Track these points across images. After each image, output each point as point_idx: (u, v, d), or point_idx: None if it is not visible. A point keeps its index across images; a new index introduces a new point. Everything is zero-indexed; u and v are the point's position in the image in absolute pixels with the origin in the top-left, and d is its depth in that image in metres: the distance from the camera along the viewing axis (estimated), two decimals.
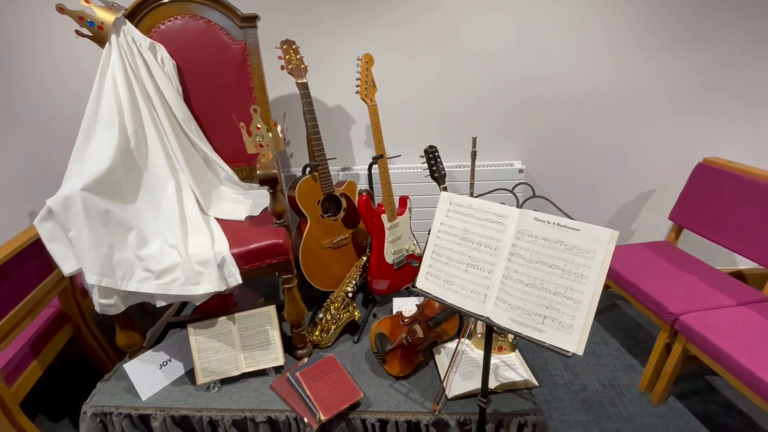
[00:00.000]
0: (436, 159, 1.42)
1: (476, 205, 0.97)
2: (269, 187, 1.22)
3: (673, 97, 1.81)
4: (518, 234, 0.89)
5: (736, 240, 1.61)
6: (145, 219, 1.22)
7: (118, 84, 1.28)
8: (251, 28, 1.42)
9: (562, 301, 0.83)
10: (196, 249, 1.18)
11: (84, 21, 1.27)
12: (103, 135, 1.22)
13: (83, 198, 1.06)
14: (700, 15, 1.65)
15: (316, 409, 1.15)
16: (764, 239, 1.51)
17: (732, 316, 1.38)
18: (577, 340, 0.81)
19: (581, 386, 1.67)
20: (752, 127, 1.83)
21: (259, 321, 1.33)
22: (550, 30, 1.71)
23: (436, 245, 1.02)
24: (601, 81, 1.79)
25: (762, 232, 1.52)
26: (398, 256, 1.61)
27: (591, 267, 0.81)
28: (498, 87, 1.81)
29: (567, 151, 1.94)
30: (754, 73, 1.74)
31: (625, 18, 1.68)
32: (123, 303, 1.14)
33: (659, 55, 1.73)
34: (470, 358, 1.34)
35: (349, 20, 1.71)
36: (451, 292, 0.97)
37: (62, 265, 1.07)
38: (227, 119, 1.51)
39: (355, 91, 1.44)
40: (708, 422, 1.49)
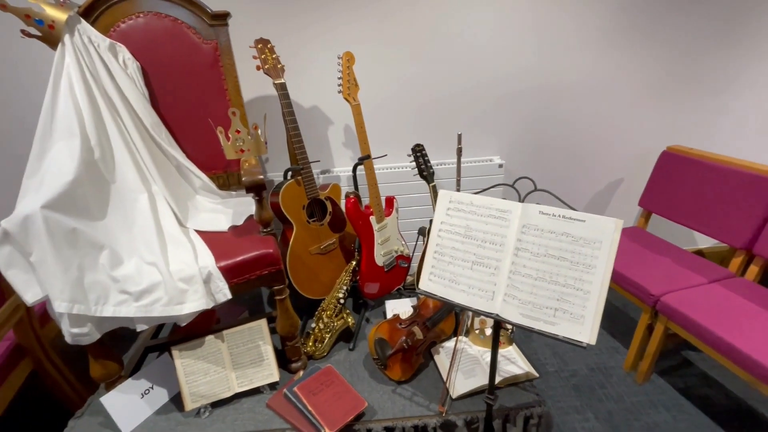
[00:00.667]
0: (424, 157, 1.40)
1: (478, 202, 0.96)
2: (255, 194, 1.14)
3: (636, 89, 1.90)
4: (523, 228, 0.89)
5: (700, 221, 1.72)
6: (118, 236, 1.11)
7: (76, 89, 1.16)
8: (222, 27, 1.34)
9: (572, 292, 0.83)
10: (178, 265, 1.09)
11: (31, 19, 1.13)
12: (61, 146, 1.09)
13: (45, 217, 0.94)
14: (659, 12, 1.75)
15: (321, 425, 1.10)
16: (724, 218, 1.62)
17: (706, 293, 1.47)
18: (589, 330, 0.81)
19: (571, 372, 1.72)
20: (708, 116, 1.97)
21: (250, 337, 1.26)
22: (523, 27, 1.74)
23: (438, 245, 1.00)
24: (570, 76, 1.85)
25: (722, 212, 1.63)
26: (388, 257, 1.57)
27: (598, 257, 0.82)
28: (474, 84, 1.83)
29: (541, 145, 1.99)
30: (709, 66, 1.87)
31: (593, 15, 1.74)
32: (98, 330, 1.03)
33: (624, 50, 1.82)
34: (470, 356, 1.33)
35: (321, 16, 1.65)
36: (457, 292, 0.96)
37: (24, 294, 0.95)
38: (199, 124, 1.41)
39: (338, 90, 1.39)
40: (689, 395, 1.58)
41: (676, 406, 1.54)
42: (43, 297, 0.97)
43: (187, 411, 1.19)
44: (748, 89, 1.93)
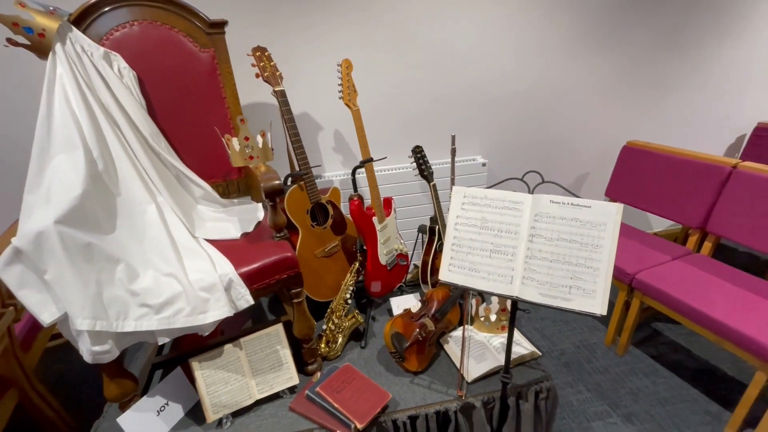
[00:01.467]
0: (423, 158, 1.47)
1: (492, 195, 1.04)
2: (270, 200, 1.16)
3: (598, 92, 2.11)
4: (536, 217, 0.99)
5: (660, 206, 1.94)
6: (130, 249, 1.07)
7: (72, 100, 1.11)
8: (220, 35, 1.34)
9: (584, 270, 0.94)
10: (197, 274, 1.08)
11: (20, 27, 1.08)
12: (63, 159, 1.05)
13: (59, 232, 0.90)
14: (612, 23, 1.96)
15: (350, 420, 1.13)
16: (680, 203, 1.84)
17: (672, 269, 1.66)
18: (601, 302, 0.92)
19: (560, 351, 1.86)
20: (658, 113, 2.22)
21: (268, 342, 1.26)
22: (501, 37, 1.88)
23: (455, 237, 1.08)
24: (541, 81, 2.02)
25: (678, 198, 1.85)
26: (390, 256, 1.63)
27: (604, 237, 0.93)
28: (458, 89, 1.94)
29: (518, 144, 2.14)
30: (656, 69, 2.11)
31: (557, 27, 1.92)
32: (117, 347, 1.00)
33: (584, 57, 2.01)
34: (477, 342, 1.42)
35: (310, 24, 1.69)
36: (478, 279, 1.03)
37: (40, 314, 0.91)
38: (197, 133, 1.39)
39: (338, 96, 1.43)
40: (662, 361, 1.77)
41: (653, 372, 1.72)
42: (60, 316, 0.93)
43: (209, 423, 1.17)
44: (693, 86, 2.20)
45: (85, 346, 0.94)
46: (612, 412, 1.54)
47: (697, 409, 1.53)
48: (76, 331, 0.93)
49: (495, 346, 1.38)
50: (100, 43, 1.21)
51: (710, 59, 2.17)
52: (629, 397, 1.60)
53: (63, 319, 0.94)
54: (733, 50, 2.19)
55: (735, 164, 1.67)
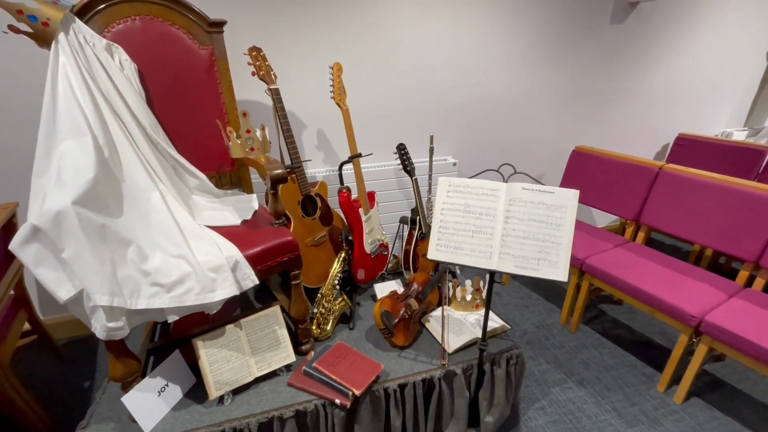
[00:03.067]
0: (406, 155, 1.63)
1: (473, 184, 1.22)
2: (272, 188, 1.25)
3: (551, 101, 2.39)
4: (510, 202, 1.17)
5: (603, 202, 2.24)
6: (138, 233, 1.12)
7: (75, 88, 1.14)
8: (218, 34, 1.41)
9: (549, 245, 1.13)
10: (205, 256, 1.15)
11: (24, 15, 1.10)
12: (71, 145, 1.08)
13: (77, 212, 0.95)
14: (562, 42, 2.25)
15: (347, 388, 1.24)
16: (619, 199, 2.15)
17: (614, 255, 1.94)
18: (563, 270, 1.12)
19: (522, 331, 2.08)
20: (600, 122, 2.55)
21: (266, 323, 1.34)
22: (470, 50, 2.09)
23: (442, 221, 1.23)
24: (503, 89, 2.26)
25: (617, 195, 2.16)
26: (374, 245, 1.76)
27: (564, 217, 1.13)
28: (432, 94, 2.13)
29: (483, 146, 2.37)
30: (598, 84, 2.44)
31: (518, 43, 2.17)
32: (129, 325, 1.04)
33: (541, 70, 2.29)
34: (455, 319, 1.58)
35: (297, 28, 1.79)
36: (462, 256, 1.20)
37: (57, 291, 0.94)
38: (192, 126, 1.45)
39: (330, 96, 1.55)
40: (606, 336, 2.04)
41: (600, 344, 1.98)
42: (76, 294, 0.96)
43: (210, 400, 1.23)
44: (628, 101, 2.56)
45: (100, 322, 0.98)
46: (567, 379, 1.77)
47: (636, 372, 1.80)
48: (91, 308, 0.97)
49: (471, 322, 1.55)
50: (101, 35, 1.25)
51: (642, 79, 2.54)
52: (581, 366, 1.84)
53: (76, 298, 0.98)
54: (659, 73, 2.58)
55: (661, 166, 2.00)
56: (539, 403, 1.66)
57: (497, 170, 1.33)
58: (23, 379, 1.80)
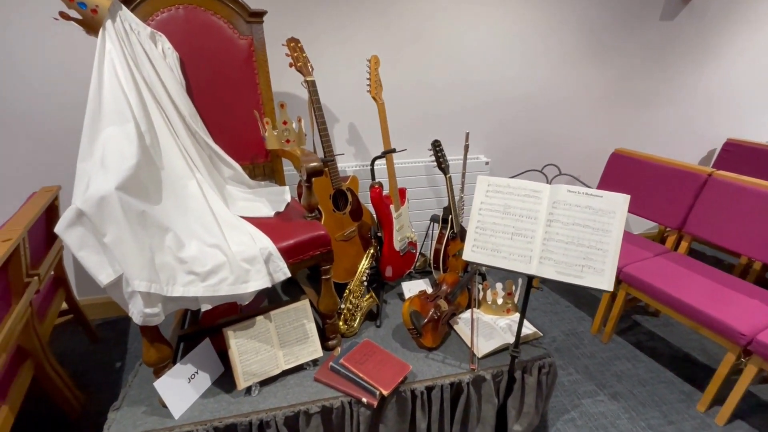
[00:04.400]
0: (441, 152, 1.59)
1: (514, 184, 1.17)
2: (307, 181, 1.24)
3: (590, 100, 2.29)
4: (554, 204, 1.11)
5: (643, 208, 2.13)
6: (175, 220, 1.13)
7: (120, 75, 1.16)
8: (258, 24, 1.41)
9: (594, 252, 1.07)
10: (239, 246, 1.14)
11: (74, 2, 1.12)
12: (115, 131, 1.09)
13: (120, 198, 0.96)
14: (606, 39, 2.15)
15: (375, 387, 1.22)
16: (661, 205, 2.04)
17: (654, 264, 1.84)
18: (609, 280, 1.05)
19: (551, 338, 2.01)
20: (642, 124, 2.43)
21: (296, 316, 1.33)
22: (508, 45, 2.02)
23: (479, 221, 1.19)
24: (541, 87, 2.18)
25: (659, 201, 2.05)
26: (403, 243, 1.73)
27: (613, 223, 1.07)
28: (467, 90, 2.07)
29: (517, 145, 2.30)
30: (643, 84, 2.32)
31: (560, 39, 2.08)
32: (164, 311, 1.05)
33: (581, 68, 2.19)
34: (484, 323, 1.54)
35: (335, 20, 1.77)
36: (499, 259, 1.15)
37: (98, 274, 0.95)
38: (230, 116, 1.45)
39: (366, 89, 1.53)
40: (641, 348, 1.95)
41: (634, 357, 1.89)
42: (116, 278, 0.97)
43: (238, 390, 1.23)
44: (673, 103, 2.43)
45: (137, 308, 0.99)
46: (599, 391, 1.70)
47: (673, 389, 1.70)
48: (129, 293, 0.98)
49: (501, 327, 1.50)
50: (146, 22, 1.26)
51: (690, 79, 2.40)
52: (614, 378, 1.76)
53: (115, 282, 0.99)
54: (709, 74, 2.43)
55: (710, 173, 1.88)
56: (569, 414, 1.59)
57: (540, 171, 1.28)
58: (59, 356, 1.87)
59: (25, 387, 1.33)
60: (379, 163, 1.84)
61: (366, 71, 1.55)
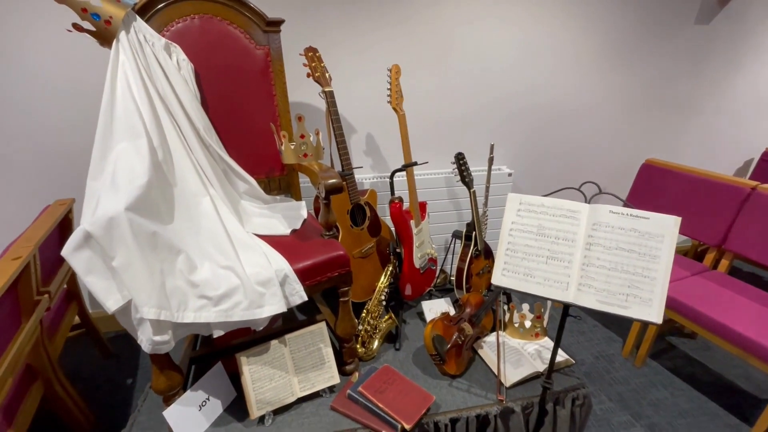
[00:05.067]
0: (465, 165, 1.50)
1: (548, 203, 1.07)
2: (324, 198, 1.17)
3: (620, 108, 2.18)
4: (594, 226, 1.02)
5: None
6: (188, 241, 1.07)
7: (133, 88, 1.11)
8: (275, 33, 1.35)
9: (641, 279, 0.97)
10: (254, 268, 1.08)
11: (88, 13, 1.08)
12: (127, 147, 1.05)
13: (130, 219, 0.90)
14: (639, 44, 2.04)
15: (396, 420, 1.13)
16: (699, 220, 1.91)
17: (691, 284, 1.72)
18: (657, 311, 0.95)
19: (579, 361, 1.89)
20: (674, 133, 2.30)
21: (312, 340, 1.26)
22: (534, 51, 1.93)
23: (510, 243, 1.10)
24: (566, 94, 2.08)
25: (697, 215, 1.92)
26: (423, 260, 1.65)
27: (661, 248, 0.97)
28: (488, 99, 1.99)
29: (541, 155, 2.20)
30: (676, 90, 2.20)
31: (589, 43, 1.99)
32: (174, 338, 0.99)
33: (612, 74, 2.08)
34: (512, 348, 1.44)
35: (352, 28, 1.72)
36: (533, 284, 1.06)
37: (106, 300, 0.90)
38: (245, 128, 1.40)
39: (386, 100, 1.46)
40: (679, 374, 1.81)
41: (671, 384, 1.76)
42: (124, 304, 0.92)
43: (252, 419, 1.17)
44: (708, 111, 2.30)
45: (146, 335, 0.93)
46: (635, 422, 1.57)
47: (718, 422, 1.57)
48: (137, 320, 0.93)
49: (530, 353, 1.40)
50: (161, 33, 1.22)
51: (727, 87, 2.27)
52: (651, 408, 1.63)
53: (124, 308, 0.94)
54: (747, 81, 2.29)
55: (755, 186, 1.74)
56: None
57: (578, 189, 1.18)
58: (70, 371, 1.83)
59: (34, 408, 1.29)
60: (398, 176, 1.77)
61: (386, 81, 1.48)
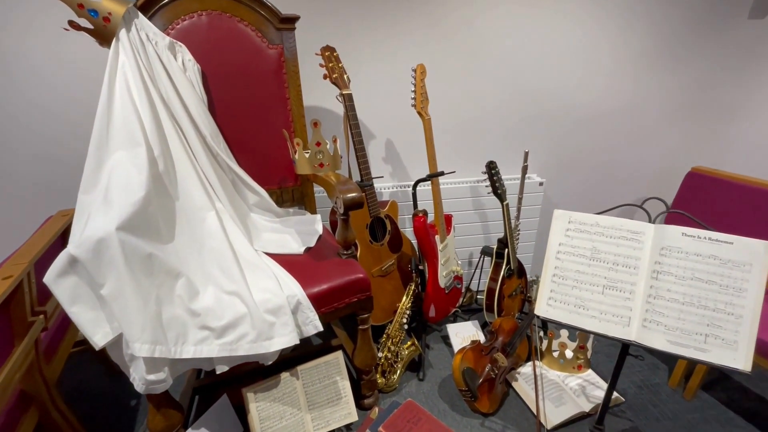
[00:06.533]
0: (497, 174, 1.36)
1: (604, 223, 0.92)
2: (343, 214, 1.03)
3: (663, 111, 1.99)
4: (662, 251, 0.86)
5: None
6: (189, 262, 0.95)
7: (134, 91, 1.01)
8: (290, 31, 1.24)
9: (723, 317, 0.81)
10: (263, 294, 0.95)
11: (84, 10, 0.98)
12: (123, 156, 0.94)
13: (121, 240, 0.79)
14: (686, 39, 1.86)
15: None
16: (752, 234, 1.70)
17: None
18: (744, 356, 0.79)
19: (621, 392, 1.70)
20: (725, 138, 2.10)
21: (327, 372, 1.12)
22: (564, 49, 1.77)
23: (557, 267, 0.95)
24: (603, 97, 1.91)
25: (749, 228, 1.72)
26: (448, 278, 1.50)
27: (749, 280, 0.80)
28: (515, 102, 1.83)
29: (574, 163, 2.02)
30: (724, 92, 2.00)
31: (626, 43, 1.81)
32: (171, 375, 0.87)
33: (651, 74, 1.90)
34: (551, 381, 1.28)
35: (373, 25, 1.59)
36: (586, 318, 0.90)
37: (93, 335, 0.78)
38: (256, 134, 1.28)
39: (410, 103, 1.33)
40: (736, 409, 1.61)
41: (728, 420, 1.56)
42: (115, 337, 0.80)
43: None
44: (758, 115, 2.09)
45: (139, 374, 0.81)
46: None
47: None
48: (129, 356, 0.81)
49: (572, 388, 1.24)
50: (165, 32, 1.11)
51: None
52: None
53: (114, 341, 0.82)
54: None
55: None
56: None
57: (641, 206, 1.02)
58: (72, 389, 1.74)
59: None
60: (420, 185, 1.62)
61: (408, 82, 1.34)
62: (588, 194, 2.11)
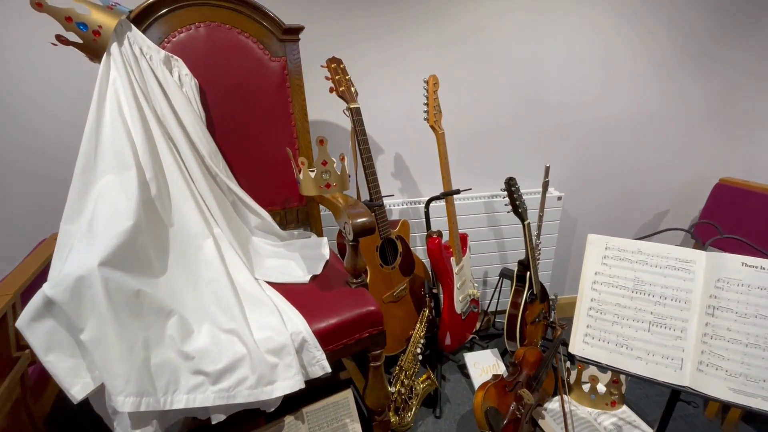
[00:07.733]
0: (518, 192, 1.26)
1: (647, 250, 0.82)
2: (353, 240, 0.94)
3: (687, 120, 1.89)
4: (718, 282, 0.75)
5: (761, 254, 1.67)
6: (183, 296, 0.86)
7: (125, 109, 0.93)
8: (294, 42, 1.16)
9: None
10: (264, 332, 0.85)
11: (73, 23, 0.91)
12: (111, 180, 0.85)
13: (104, 278, 0.70)
14: (711, 43, 1.76)
15: None
16: None
17: None
18: None
19: (652, 421, 1.57)
20: (756, 146, 1.99)
21: (335, 414, 1.02)
22: (586, 59, 1.69)
23: (593, 300, 0.84)
24: (624, 107, 1.81)
25: None
26: (464, 303, 1.39)
27: None
28: (532, 114, 1.74)
29: (594, 176, 1.92)
30: (757, 97, 1.89)
31: (647, 50, 1.72)
32: (162, 427, 0.77)
33: (675, 82, 1.81)
34: (581, 419, 1.16)
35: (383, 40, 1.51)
36: (631, 359, 0.79)
37: (71, 387, 0.69)
38: (258, 153, 1.20)
39: (423, 117, 1.24)
40: None
41: None
42: (96, 389, 0.70)
43: None
44: None
45: (123, 428, 0.71)
46: None
47: None
48: (113, 408, 0.71)
49: (606, 427, 1.12)
50: (161, 45, 1.04)
51: None
52: None
53: (98, 391, 0.73)
54: None
55: None
56: None
57: (688, 231, 0.91)
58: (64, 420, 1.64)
59: None
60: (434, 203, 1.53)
61: (420, 94, 1.26)
62: (608, 208, 2.00)
